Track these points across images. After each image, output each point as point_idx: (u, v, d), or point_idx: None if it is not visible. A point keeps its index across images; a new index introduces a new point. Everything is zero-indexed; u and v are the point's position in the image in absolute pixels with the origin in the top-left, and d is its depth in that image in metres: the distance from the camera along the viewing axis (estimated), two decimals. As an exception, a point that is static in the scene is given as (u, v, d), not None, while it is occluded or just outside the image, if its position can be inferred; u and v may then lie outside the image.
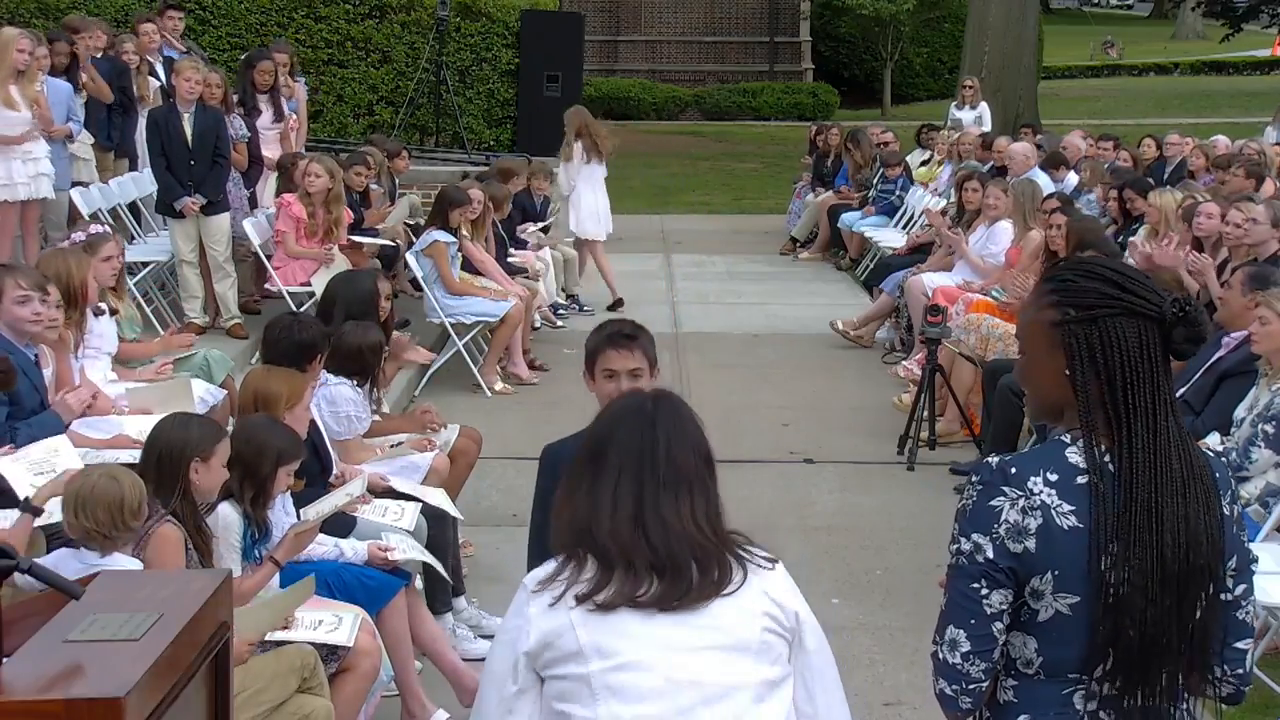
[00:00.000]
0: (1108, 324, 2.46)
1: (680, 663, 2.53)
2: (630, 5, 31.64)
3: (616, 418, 2.73)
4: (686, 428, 2.73)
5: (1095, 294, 2.48)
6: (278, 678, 4.33)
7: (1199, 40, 46.22)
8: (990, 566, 2.45)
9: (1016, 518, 2.44)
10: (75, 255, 6.61)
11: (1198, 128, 18.96)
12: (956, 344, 8.88)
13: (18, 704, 1.87)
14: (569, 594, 2.55)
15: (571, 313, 12.47)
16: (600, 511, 2.59)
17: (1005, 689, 2.55)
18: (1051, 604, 2.45)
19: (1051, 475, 2.46)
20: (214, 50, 14.86)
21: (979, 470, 2.53)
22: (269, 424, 4.99)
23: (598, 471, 2.65)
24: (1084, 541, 2.42)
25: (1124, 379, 2.45)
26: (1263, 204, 8.10)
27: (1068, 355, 2.49)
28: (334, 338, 6.16)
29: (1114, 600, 2.41)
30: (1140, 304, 2.46)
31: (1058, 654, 2.47)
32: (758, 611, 2.61)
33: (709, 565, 2.58)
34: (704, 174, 22.77)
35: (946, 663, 2.51)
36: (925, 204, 13.38)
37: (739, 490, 6.98)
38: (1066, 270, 2.55)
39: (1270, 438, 5.96)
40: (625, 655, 2.51)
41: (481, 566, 6.70)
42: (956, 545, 2.51)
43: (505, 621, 2.66)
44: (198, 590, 2.22)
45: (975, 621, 2.47)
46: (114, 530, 4.15)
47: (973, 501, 2.50)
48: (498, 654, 2.63)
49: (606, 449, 2.67)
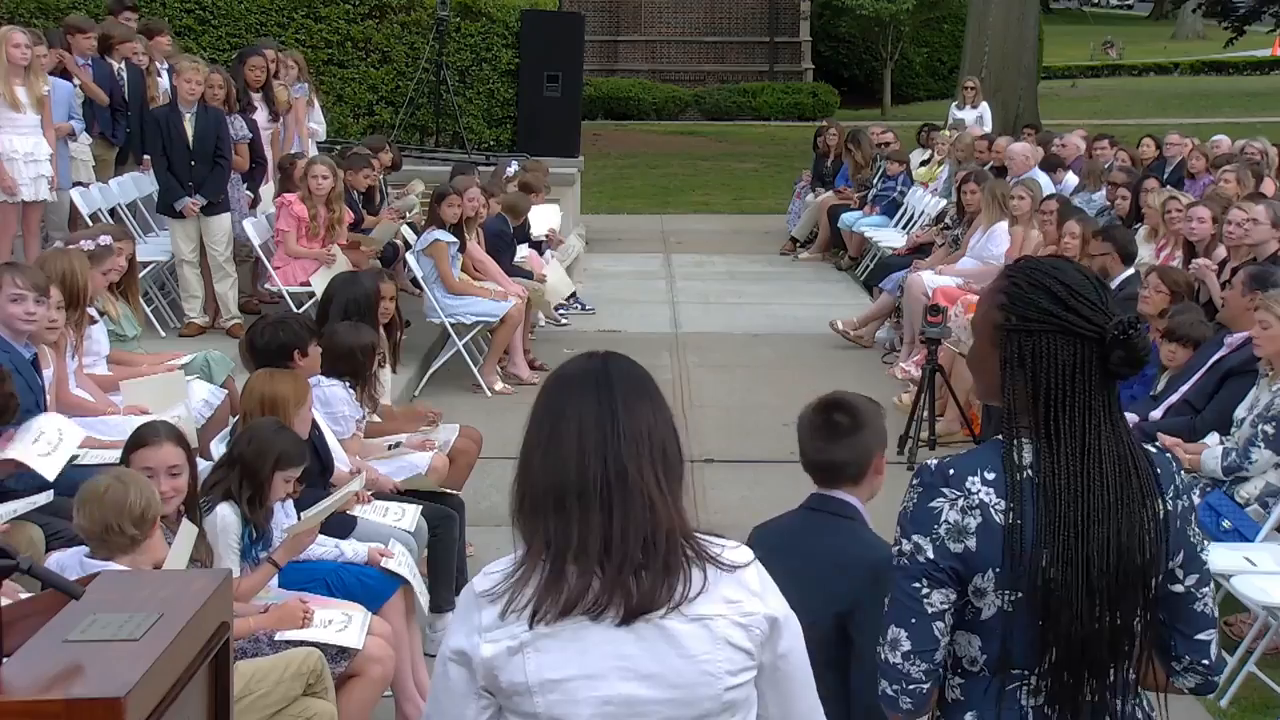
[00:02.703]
0: (1041, 339, 2.50)
1: (628, 690, 2.27)
2: (630, 5, 31.65)
3: (569, 384, 2.42)
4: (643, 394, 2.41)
5: (1035, 307, 2.51)
6: (283, 681, 4.32)
7: (1199, 40, 46.24)
8: (931, 566, 2.49)
9: (956, 518, 2.48)
10: (78, 256, 6.61)
11: (1198, 128, 18.96)
12: (956, 344, 8.88)
13: (18, 704, 1.87)
14: (518, 613, 2.27)
15: (573, 312, 12.47)
16: (558, 489, 2.34)
17: (953, 687, 2.58)
18: (994, 602, 2.49)
19: (989, 474, 2.50)
20: (214, 50, 14.85)
21: (919, 473, 2.57)
22: (275, 428, 4.98)
23: (553, 439, 2.39)
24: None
25: (1049, 393, 2.49)
26: (1263, 204, 8.11)
27: (1000, 359, 2.54)
28: (326, 338, 6.17)
29: (1045, 599, 2.45)
30: (1078, 324, 2.49)
31: (1001, 651, 2.50)
32: (727, 659, 2.29)
33: (667, 567, 2.28)
34: (704, 174, 22.78)
35: (888, 662, 2.55)
36: (925, 204, 13.39)
37: (739, 490, 6.98)
38: (1021, 273, 2.58)
39: (1270, 438, 5.96)
40: (570, 678, 2.26)
41: (482, 566, 6.69)
42: (898, 546, 2.54)
43: (454, 632, 2.36)
44: (198, 590, 2.22)
45: (916, 620, 2.51)
46: (109, 533, 4.12)
47: (913, 503, 2.54)
48: (453, 673, 2.32)
49: (563, 415, 2.39)
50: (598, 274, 14.13)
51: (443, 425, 7.00)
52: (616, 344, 10.27)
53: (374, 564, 5.19)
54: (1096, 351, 2.49)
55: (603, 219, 17.78)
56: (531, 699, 2.28)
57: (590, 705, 2.27)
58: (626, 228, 17.63)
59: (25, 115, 9.08)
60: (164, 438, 4.57)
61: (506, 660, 2.28)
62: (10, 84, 8.97)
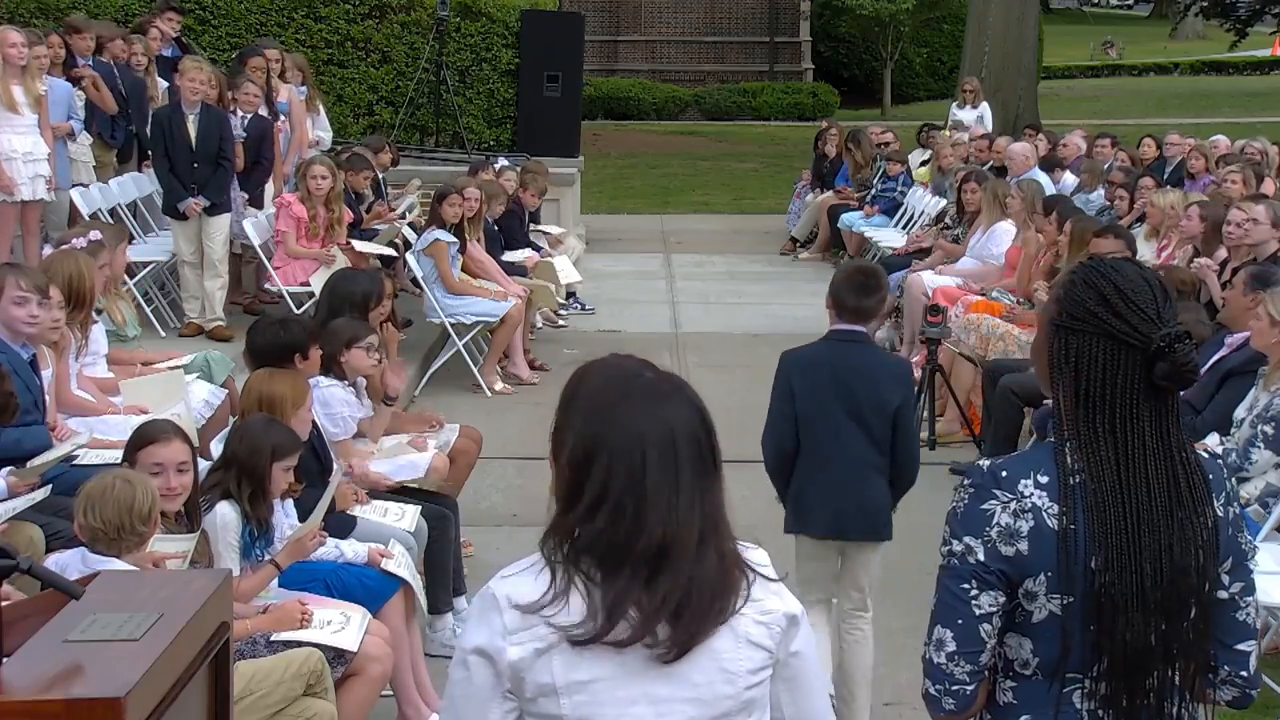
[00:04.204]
0: (1084, 339, 2.46)
1: (654, 689, 2.25)
2: (630, 5, 31.64)
3: (619, 395, 2.30)
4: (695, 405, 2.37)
5: (1083, 306, 2.47)
6: (283, 682, 4.32)
7: (1199, 40, 46.22)
8: (981, 569, 2.46)
9: (1008, 521, 2.45)
10: (82, 257, 6.61)
11: (1198, 128, 18.95)
12: (956, 344, 8.88)
13: (18, 704, 1.87)
14: (548, 628, 2.22)
15: (573, 312, 12.47)
16: (601, 520, 2.22)
17: (1004, 690, 2.54)
18: (1045, 605, 2.45)
19: (1042, 478, 2.46)
20: (214, 50, 14.85)
21: (970, 473, 2.53)
22: (264, 422, 5.00)
23: (596, 467, 2.25)
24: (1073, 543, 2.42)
25: (1088, 396, 2.45)
26: (1263, 204, 8.11)
27: (1050, 355, 2.51)
28: (322, 337, 6.16)
29: (1099, 604, 2.41)
30: (1122, 329, 2.44)
31: (1053, 654, 2.47)
32: (747, 658, 2.29)
33: (715, 594, 2.25)
34: (704, 174, 22.77)
35: (932, 662, 2.52)
36: (925, 204, 13.38)
37: (739, 490, 6.94)
38: (1081, 270, 2.53)
39: (1270, 438, 5.96)
40: (598, 679, 2.23)
41: (481, 566, 6.69)
42: (948, 546, 2.50)
43: (474, 632, 2.29)
44: (198, 590, 2.22)
45: (962, 622, 2.48)
46: (120, 534, 4.13)
47: (964, 504, 2.50)
48: (477, 673, 2.26)
49: (607, 438, 2.25)
50: (598, 274, 14.11)
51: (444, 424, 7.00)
52: (616, 344, 10.29)
53: (374, 565, 5.19)
54: (1140, 360, 2.44)
55: (603, 219, 17.78)
56: (558, 700, 2.24)
57: (616, 706, 2.25)
58: (626, 228, 17.62)
59: (23, 115, 9.07)
60: (171, 434, 4.59)
61: (533, 662, 2.24)
62: (7, 84, 8.97)
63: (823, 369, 5.07)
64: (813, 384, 5.06)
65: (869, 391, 4.97)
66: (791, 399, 5.09)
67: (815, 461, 5.05)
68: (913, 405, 5.13)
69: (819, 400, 5.01)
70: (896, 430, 4.98)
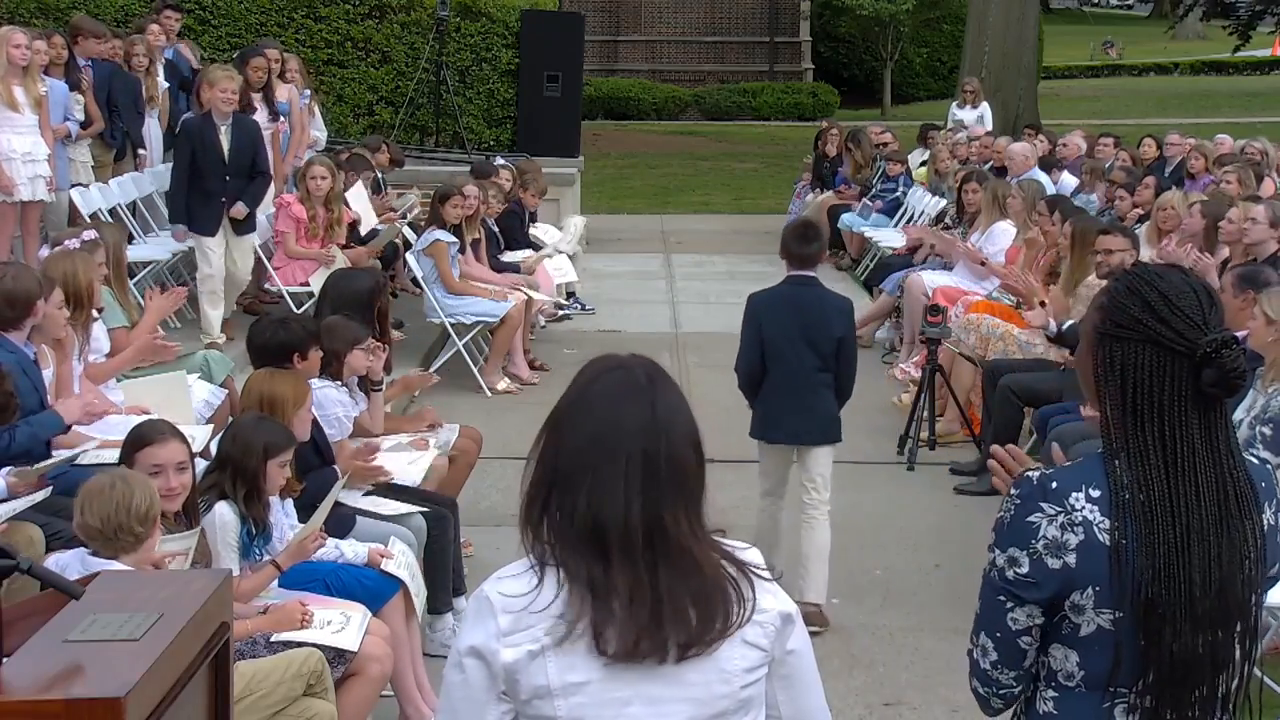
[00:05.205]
0: (1130, 346, 2.43)
1: (651, 691, 2.25)
2: (630, 5, 31.65)
3: (612, 398, 2.31)
4: (684, 409, 2.36)
5: (1127, 314, 2.43)
6: (284, 682, 4.32)
7: (1199, 40, 46.21)
8: (1021, 582, 2.44)
9: (1055, 533, 2.41)
10: (82, 257, 6.60)
11: (1198, 128, 18.95)
12: (956, 344, 8.88)
13: (18, 704, 1.87)
14: (542, 630, 2.23)
15: (573, 312, 12.47)
16: (599, 518, 2.25)
17: (1045, 700, 2.52)
18: (1093, 619, 2.42)
19: (1094, 491, 2.42)
20: (214, 50, 14.84)
21: (1019, 484, 2.49)
22: (255, 420, 5.00)
23: (590, 468, 2.29)
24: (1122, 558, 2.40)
25: (1136, 405, 2.41)
26: (1262, 204, 8.11)
27: (1095, 364, 2.48)
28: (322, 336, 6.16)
29: (1147, 618, 2.39)
30: (1168, 336, 2.40)
31: (1100, 668, 2.44)
32: (742, 656, 2.29)
33: (716, 605, 2.25)
34: (704, 174, 22.77)
35: (978, 665, 2.53)
36: (925, 204, 13.38)
37: (739, 490, 6.98)
38: (1125, 277, 2.49)
39: (1268, 440, 5.95)
40: (593, 680, 2.23)
41: (481, 566, 6.69)
42: (992, 556, 2.49)
43: (469, 633, 2.30)
44: (198, 590, 2.22)
45: (1001, 634, 2.48)
46: (117, 533, 4.12)
47: (1010, 515, 2.47)
48: (473, 673, 2.27)
49: (605, 437, 2.28)
50: (598, 274, 14.11)
51: (443, 425, 6.99)
52: (616, 344, 10.29)
53: (374, 565, 5.19)
54: (1188, 367, 2.40)
55: (603, 219, 17.76)
56: (553, 702, 2.24)
57: (612, 707, 2.25)
58: (626, 228, 17.62)
59: (23, 115, 9.06)
60: (169, 434, 4.59)
61: (527, 664, 2.24)
62: (9, 84, 8.97)
63: (784, 306, 6.28)
64: (776, 318, 6.26)
65: (820, 324, 6.23)
66: (759, 330, 6.27)
67: (779, 377, 6.25)
68: (854, 335, 6.49)
69: (781, 330, 6.24)
70: (840, 354, 6.28)
